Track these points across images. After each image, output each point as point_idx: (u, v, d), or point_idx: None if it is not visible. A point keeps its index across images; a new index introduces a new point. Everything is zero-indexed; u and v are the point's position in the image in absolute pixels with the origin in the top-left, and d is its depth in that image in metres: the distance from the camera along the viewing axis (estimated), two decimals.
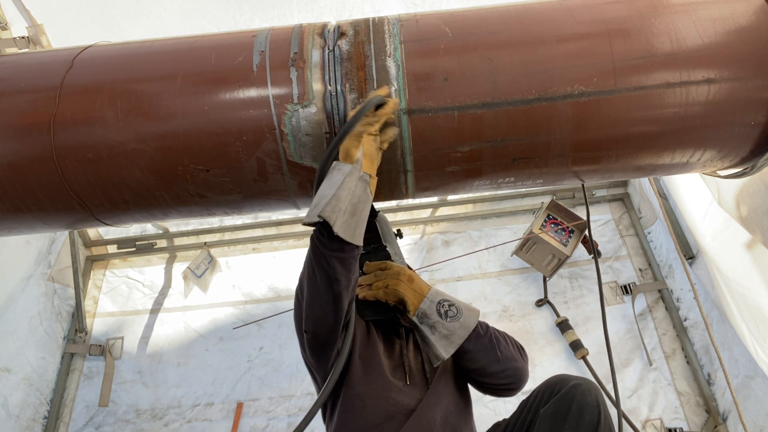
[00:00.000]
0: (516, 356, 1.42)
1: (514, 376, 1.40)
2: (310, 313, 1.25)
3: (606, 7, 1.18)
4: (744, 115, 1.13)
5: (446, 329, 1.34)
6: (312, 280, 1.20)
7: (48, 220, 1.25)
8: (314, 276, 1.19)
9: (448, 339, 1.34)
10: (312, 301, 1.23)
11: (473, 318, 1.38)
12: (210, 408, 2.67)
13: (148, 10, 2.33)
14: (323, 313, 1.24)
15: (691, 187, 2.13)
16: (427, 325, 1.35)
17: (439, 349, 1.33)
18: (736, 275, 1.93)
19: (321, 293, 1.21)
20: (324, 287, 1.19)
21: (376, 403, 1.38)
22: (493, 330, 1.44)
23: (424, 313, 1.36)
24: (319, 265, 1.17)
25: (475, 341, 1.37)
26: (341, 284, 1.20)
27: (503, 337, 1.44)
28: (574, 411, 1.20)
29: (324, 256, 1.15)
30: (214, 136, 1.13)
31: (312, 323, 1.26)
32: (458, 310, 1.37)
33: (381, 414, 1.36)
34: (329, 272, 1.17)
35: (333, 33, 1.20)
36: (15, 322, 2.56)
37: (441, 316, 1.35)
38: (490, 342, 1.39)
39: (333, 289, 1.20)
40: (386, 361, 1.51)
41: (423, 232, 3.14)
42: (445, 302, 1.38)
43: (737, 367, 2.27)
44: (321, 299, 1.22)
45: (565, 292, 2.86)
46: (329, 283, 1.19)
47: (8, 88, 1.18)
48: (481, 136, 1.14)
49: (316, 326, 1.26)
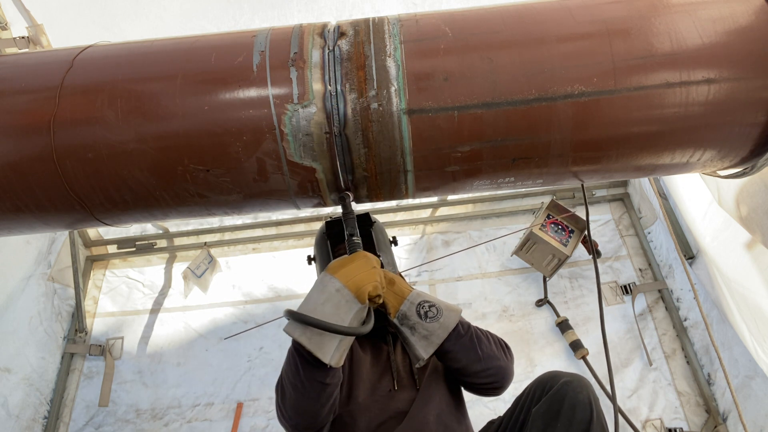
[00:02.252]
0: (498, 355, 1.42)
1: (496, 375, 1.40)
2: (301, 421, 1.27)
3: (606, 7, 1.18)
4: (744, 115, 1.13)
5: (425, 330, 1.34)
6: (301, 392, 1.22)
7: (48, 220, 1.25)
8: (304, 389, 1.22)
9: (428, 339, 1.34)
10: (302, 410, 1.25)
11: (453, 318, 1.37)
12: (210, 408, 2.67)
13: (148, 10, 2.33)
14: (316, 415, 1.27)
15: (691, 187, 2.13)
16: (407, 327, 1.36)
17: (418, 349, 1.34)
18: (736, 275, 1.93)
19: (313, 402, 1.23)
20: (316, 397, 1.23)
21: (365, 415, 1.41)
22: (475, 329, 1.43)
23: (404, 315, 1.36)
24: (311, 380, 1.20)
25: (455, 341, 1.37)
26: (335, 386, 1.25)
27: (486, 336, 1.44)
28: (566, 409, 1.20)
29: (318, 371, 1.19)
30: (214, 136, 1.13)
31: (301, 419, 1.28)
32: (438, 311, 1.37)
33: (372, 423, 1.39)
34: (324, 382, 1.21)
35: (333, 33, 1.20)
36: (15, 322, 2.56)
37: (421, 317, 1.35)
38: (471, 341, 1.39)
39: (327, 394, 1.24)
40: (373, 369, 1.53)
41: (423, 232, 3.14)
42: (425, 303, 1.38)
43: (737, 367, 2.27)
44: (314, 407, 1.25)
45: (565, 292, 2.85)
46: (322, 391, 1.22)
47: (8, 88, 1.17)
48: (481, 136, 1.14)
49: (305, 421, 1.29)
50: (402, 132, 1.13)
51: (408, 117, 1.12)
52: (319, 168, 1.18)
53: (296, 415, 1.26)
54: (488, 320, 2.80)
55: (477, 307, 2.84)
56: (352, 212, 1.29)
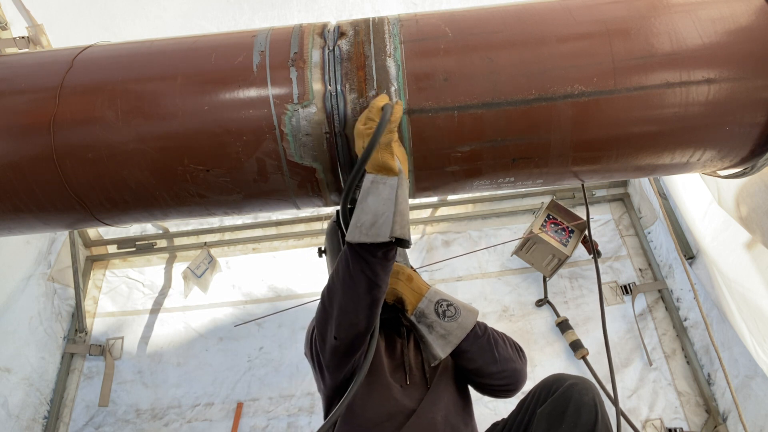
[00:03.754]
0: (514, 357, 1.42)
1: (511, 377, 1.40)
2: (343, 320, 1.24)
3: (606, 7, 1.18)
4: (744, 115, 1.13)
5: (443, 329, 1.34)
6: (350, 288, 1.19)
7: (48, 220, 1.25)
8: (353, 283, 1.18)
9: (445, 339, 1.34)
10: (347, 308, 1.22)
11: (471, 318, 1.38)
12: (210, 408, 2.67)
13: (148, 10, 2.33)
14: (358, 319, 1.23)
15: (691, 187, 2.13)
16: (425, 325, 1.35)
17: (436, 348, 1.34)
18: (736, 275, 1.93)
19: (360, 300, 1.20)
20: (364, 293, 1.19)
21: (377, 403, 1.39)
22: (492, 331, 1.44)
23: (422, 313, 1.36)
24: (360, 272, 1.16)
25: (472, 342, 1.37)
26: (381, 289, 1.20)
27: (502, 338, 1.44)
28: (571, 411, 1.20)
29: (367, 263, 1.14)
30: (214, 136, 1.13)
31: (345, 330, 1.25)
32: (456, 310, 1.37)
33: (381, 414, 1.37)
34: (372, 278, 1.16)
35: (333, 33, 1.20)
36: (15, 322, 2.57)
37: (439, 315, 1.35)
38: (488, 343, 1.39)
39: (373, 295, 1.19)
40: (387, 361, 1.51)
41: (423, 232, 3.14)
42: (443, 302, 1.38)
43: (737, 367, 2.27)
44: (358, 306, 1.21)
45: (565, 292, 2.86)
46: (369, 289, 1.18)
47: (8, 88, 1.18)
48: (481, 136, 1.14)
49: (348, 333, 1.25)
50: (402, 132, 1.13)
51: (408, 117, 1.12)
52: (319, 168, 1.18)
53: (342, 316, 1.22)
54: (488, 320, 2.78)
55: (477, 307, 2.83)
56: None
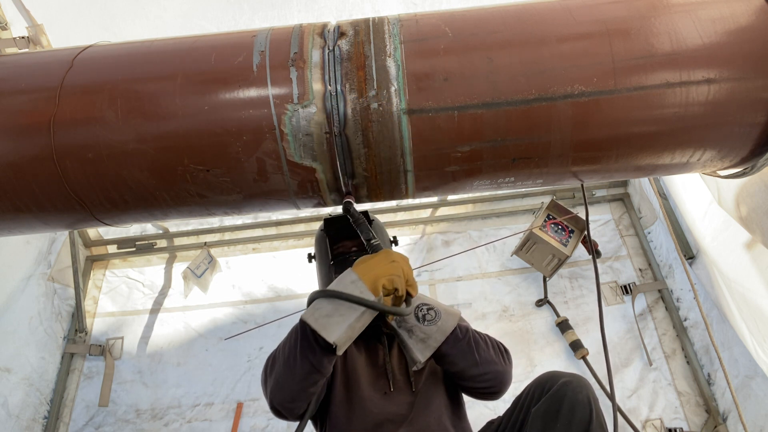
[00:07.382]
0: (496, 360, 1.41)
1: (493, 379, 1.40)
2: (277, 393, 1.26)
3: (606, 7, 1.18)
4: (744, 115, 1.13)
5: (423, 333, 1.34)
6: (290, 367, 1.21)
7: (48, 220, 1.25)
8: (294, 364, 1.20)
9: (425, 343, 1.33)
10: (283, 384, 1.24)
11: (451, 321, 1.37)
12: (210, 408, 2.67)
13: (148, 10, 2.33)
14: (293, 397, 1.25)
15: (691, 187, 2.13)
16: (405, 329, 1.35)
17: (415, 352, 1.33)
18: (736, 275, 1.93)
19: (297, 381, 1.22)
20: (302, 377, 1.21)
21: (359, 417, 1.41)
22: (474, 333, 1.43)
23: (402, 317, 1.36)
24: (304, 358, 1.19)
25: (452, 345, 1.36)
26: (323, 376, 1.23)
27: (484, 341, 1.43)
28: (565, 409, 1.20)
29: (314, 353, 1.17)
30: (214, 136, 1.13)
31: (279, 403, 1.27)
32: (437, 314, 1.36)
33: (368, 425, 1.39)
34: (315, 366, 1.19)
35: (333, 33, 1.20)
36: (15, 322, 2.57)
37: (419, 320, 1.35)
38: (468, 345, 1.38)
39: (312, 379, 1.22)
40: (368, 370, 1.52)
41: (423, 232, 3.14)
42: (424, 306, 1.37)
43: (737, 367, 2.27)
44: (294, 386, 1.23)
45: (565, 292, 2.86)
46: (310, 374, 1.21)
47: (8, 88, 1.17)
48: (481, 136, 1.14)
49: (282, 405, 1.27)
50: (402, 132, 1.13)
51: (408, 117, 1.12)
52: (319, 168, 1.18)
53: (276, 388, 1.25)
54: (488, 320, 2.80)
55: (477, 307, 2.84)
56: (361, 217, 1.29)
